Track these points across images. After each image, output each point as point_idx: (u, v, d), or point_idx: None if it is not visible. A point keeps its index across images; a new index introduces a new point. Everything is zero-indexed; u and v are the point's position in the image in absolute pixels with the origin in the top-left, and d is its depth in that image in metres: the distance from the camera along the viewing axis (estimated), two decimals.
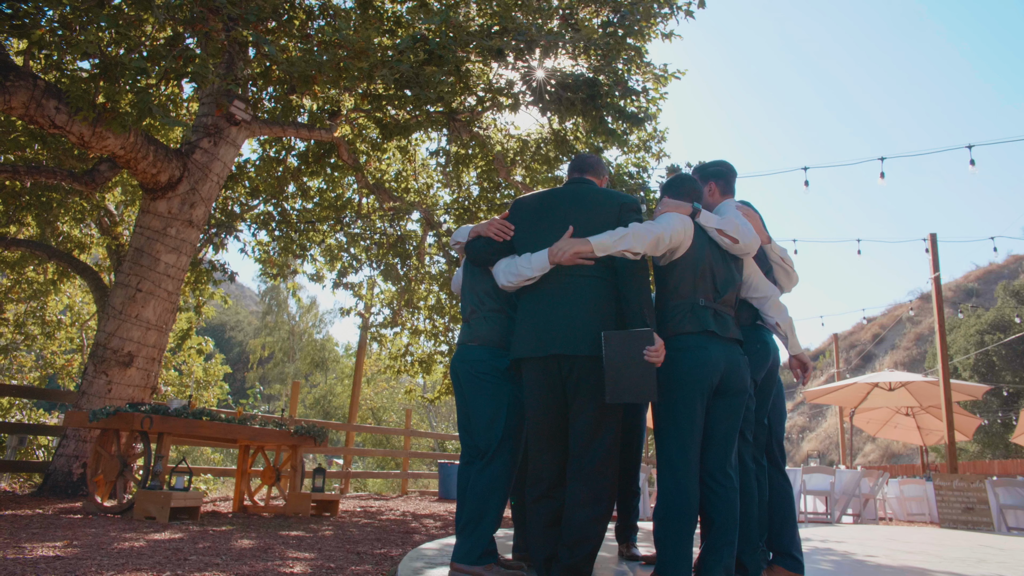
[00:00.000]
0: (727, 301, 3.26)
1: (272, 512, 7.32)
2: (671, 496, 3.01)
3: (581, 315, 3.06)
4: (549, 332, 3.07)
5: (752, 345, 3.55)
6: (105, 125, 6.35)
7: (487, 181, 11.75)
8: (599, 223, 3.16)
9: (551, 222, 3.25)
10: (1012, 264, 57.17)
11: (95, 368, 7.62)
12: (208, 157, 8.18)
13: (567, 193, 3.35)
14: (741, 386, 3.17)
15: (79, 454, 7.51)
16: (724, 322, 3.20)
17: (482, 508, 3.28)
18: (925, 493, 12.56)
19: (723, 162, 3.87)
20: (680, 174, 3.67)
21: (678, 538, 2.95)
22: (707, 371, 3.05)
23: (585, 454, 2.98)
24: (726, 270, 3.29)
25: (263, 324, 42.96)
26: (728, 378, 3.12)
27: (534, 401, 3.14)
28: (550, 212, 3.30)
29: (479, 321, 3.57)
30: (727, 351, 3.14)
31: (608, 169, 3.56)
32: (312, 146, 10.79)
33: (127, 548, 3.91)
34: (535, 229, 3.30)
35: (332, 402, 30.82)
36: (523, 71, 8.36)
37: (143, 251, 7.87)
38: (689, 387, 3.04)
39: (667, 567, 2.94)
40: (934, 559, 5.40)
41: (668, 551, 2.96)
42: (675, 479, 3.02)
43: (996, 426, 28.78)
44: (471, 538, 3.27)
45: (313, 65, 6.11)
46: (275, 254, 12.12)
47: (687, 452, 3.04)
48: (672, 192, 3.47)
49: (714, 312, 3.17)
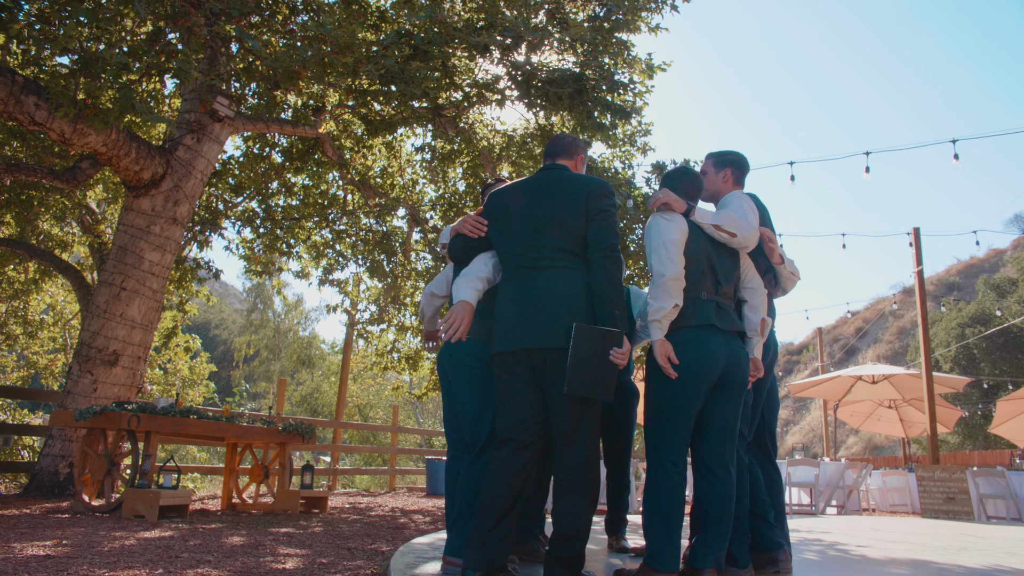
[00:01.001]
0: (727, 293, 3.26)
1: (261, 509, 7.30)
2: (659, 485, 3.02)
3: (553, 307, 2.96)
4: (522, 326, 2.99)
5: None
6: (87, 122, 6.27)
7: (473, 177, 11.75)
8: (563, 210, 3.05)
9: (518, 212, 3.15)
10: (992, 258, 57.79)
11: (80, 367, 7.56)
12: (191, 154, 8.12)
13: (535, 181, 3.24)
14: (742, 379, 3.17)
15: (65, 454, 7.45)
16: (726, 315, 3.19)
17: (473, 502, 3.26)
18: (907, 484, 12.72)
19: (739, 152, 3.86)
20: (682, 167, 3.62)
21: (666, 527, 2.96)
22: (709, 365, 3.04)
23: (567, 447, 2.91)
24: (725, 263, 3.29)
25: (248, 322, 42.63)
26: (729, 371, 3.12)
27: (504, 395, 3.04)
28: (517, 203, 3.20)
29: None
30: (729, 344, 3.14)
31: (583, 146, 3.40)
32: (296, 142, 10.74)
33: (118, 547, 3.90)
34: (504, 221, 3.21)
35: (318, 399, 30.69)
36: (509, 66, 8.37)
37: (127, 249, 7.80)
38: (690, 381, 3.03)
39: (655, 556, 2.95)
40: (917, 548, 5.48)
41: (656, 540, 2.97)
42: (664, 469, 3.03)
43: (976, 417, 29.16)
44: (463, 532, 3.26)
45: (297, 60, 6.08)
46: (260, 251, 12.05)
47: (677, 443, 3.05)
48: (672, 184, 3.45)
49: (716, 305, 3.16)
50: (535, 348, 2.93)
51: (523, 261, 3.08)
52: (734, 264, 3.35)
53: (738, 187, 3.79)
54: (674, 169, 3.55)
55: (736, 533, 3.30)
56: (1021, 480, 10.25)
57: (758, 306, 3.39)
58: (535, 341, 2.93)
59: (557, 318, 2.92)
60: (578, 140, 3.40)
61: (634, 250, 9.71)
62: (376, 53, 6.77)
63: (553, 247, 3.03)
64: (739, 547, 3.32)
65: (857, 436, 45.31)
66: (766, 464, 3.79)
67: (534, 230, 3.08)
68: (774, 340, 3.78)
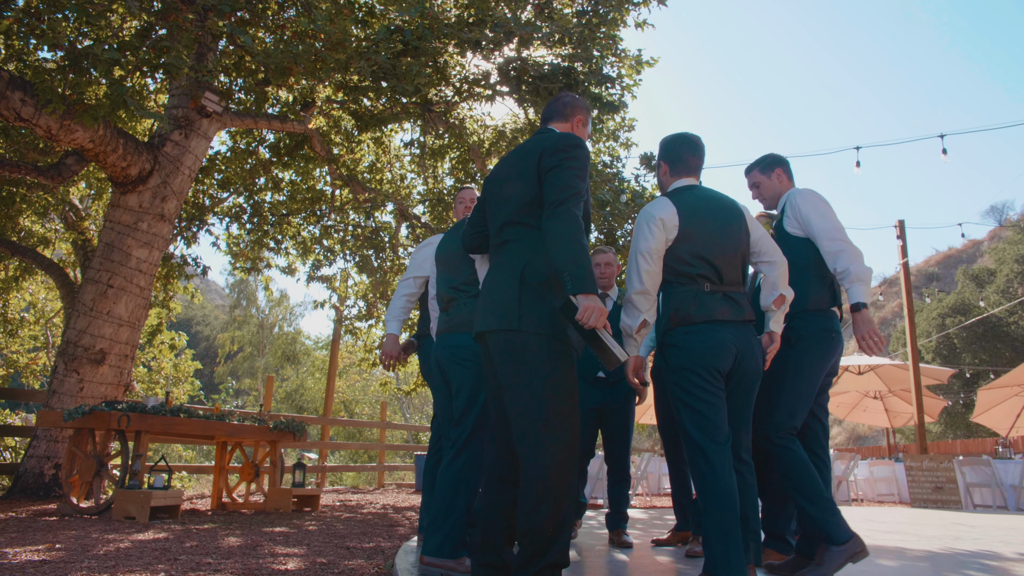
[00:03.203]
0: (733, 281, 3.06)
1: (252, 509, 7.24)
2: (708, 484, 2.77)
3: (488, 287, 2.74)
4: (478, 309, 2.78)
5: (826, 334, 3.44)
6: (76, 118, 6.15)
7: (462, 171, 11.69)
8: (515, 179, 2.77)
9: (497, 185, 2.89)
10: (970, 248, 58.45)
11: (66, 366, 7.45)
12: (179, 150, 8.01)
13: (511, 152, 2.96)
14: (755, 369, 3.00)
15: (51, 455, 7.35)
16: (734, 305, 3.01)
17: (451, 501, 3.21)
18: (894, 474, 12.85)
19: (774, 153, 3.86)
20: (679, 134, 3.35)
21: (724, 529, 2.69)
22: (717, 353, 2.90)
23: (521, 445, 2.52)
24: (729, 251, 3.06)
25: (231, 318, 42.30)
26: (741, 361, 2.96)
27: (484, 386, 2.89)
28: (491, 177, 2.98)
29: (459, 308, 3.49)
30: (739, 334, 2.96)
31: (584, 106, 3.06)
32: (284, 138, 10.63)
33: (113, 550, 3.84)
34: (489, 197, 2.96)
35: (304, 396, 30.51)
36: (500, 62, 8.32)
37: (113, 246, 7.69)
38: (700, 369, 2.88)
39: (718, 563, 2.66)
40: (912, 538, 5.52)
41: (716, 545, 2.68)
42: (709, 466, 2.79)
43: (958, 407, 29.53)
44: (441, 531, 3.19)
45: (289, 56, 6.01)
46: (247, 248, 11.93)
47: (714, 435, 2.83)
48: (669, 154, 3.29)
49: (723, 296, 3.00)
50: (480, 331, 2.73)
51: (492, 240, 2.87)
52: (740, 251, 3.11)
53: (791, 184, 3.80)
54: (671, 137, 3.34)
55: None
56: (1006, 468, 10.38)
57: (776, 280, 3.22)
58: (480, 324, 2.73)
59: (489, 298, 2.70)
60: (578, 99, 3.08)
61: (623, 244, 9.70)
62: (368, 49, 6.70)
63: (507, 221, 2.76)
64: (751, 542, 3.05)
65: (841, 427, 45.77)
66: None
67: (498, 204, 2.84)
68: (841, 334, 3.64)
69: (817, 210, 3.50)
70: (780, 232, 3.65)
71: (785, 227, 3.62)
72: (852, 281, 3.35)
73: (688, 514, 4.52)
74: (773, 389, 3.39)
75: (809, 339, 3.42)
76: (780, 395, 3.37)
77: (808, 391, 3.38)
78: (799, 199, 3.57)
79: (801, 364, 3.40)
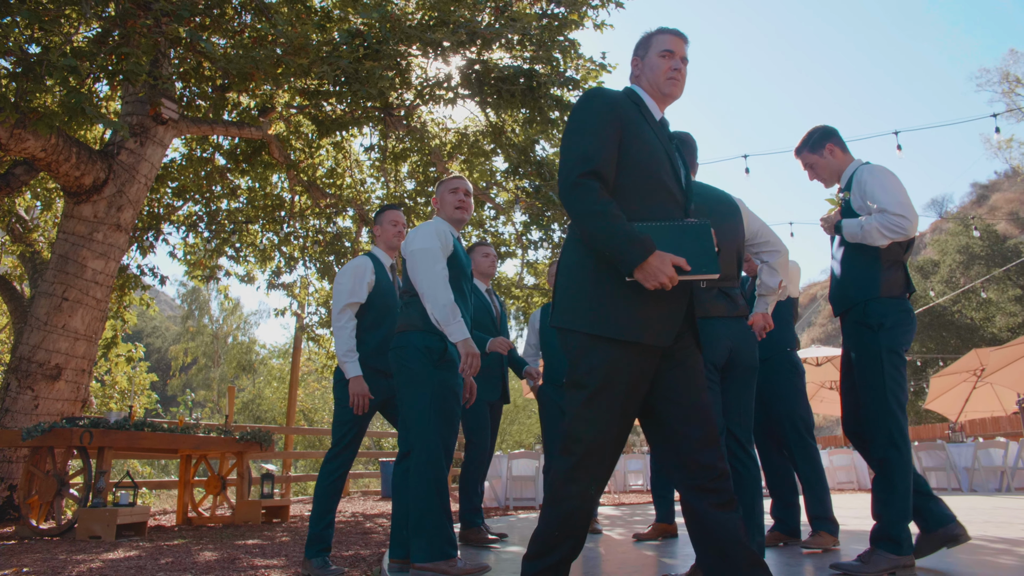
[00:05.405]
0: (727, 276, 3.06)
1: (219, 522, 7.09)
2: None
3: None
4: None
5: (900, 315, 3.11)
6: (30, 126, 5.94)
7: (422, 175, 11.64)
8: None
9: None
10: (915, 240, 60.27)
11: (19, 383, 7.19)
12: (135, 158, 7.81)
13: None
14: (751, 362, 3.05)
15: (4, 475, 7.08)
16: (727, 300, 3.05)
17: (426, 504, 3.14)
18: (852, 462, 13.17)
19: (820, 125, 3.51)
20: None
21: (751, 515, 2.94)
22: (710, 347, 2.94)
23: None
24: (722, 247, 3.02)
25: (184, 329, 41.42)
26: (737, 355, 3.01)
27: None
28: None
29: (404, 308, 3.45)
30: (732, 328, 3.02)
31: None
32: (241, 144, 10.45)
33: (85, 570, 3.73)
34: None
35: (261, 405, 29.97)
36: (461, 64, 8.31)
37: (68, 258, 7.46)
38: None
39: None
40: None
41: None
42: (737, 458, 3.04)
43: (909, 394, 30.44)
44: (422, 536, 3.12)
45: (250, 61, 5.91)
46: (204, 256, 11.68)
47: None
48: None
49: (717, 292, 3.03)
50: None
51: None
52: (735, 246, 3.08)
53: (849, 156, 3.40)
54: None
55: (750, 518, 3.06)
56: (959, 451, 10.73)
57: (777, 268, 3.21)
58: None
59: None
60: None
61: None
62: (330, 53, 6.63)
63: None
64: (756, 536, 3.03)
65: None
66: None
67: None
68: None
69: (882, 185, 3.15)
70: (847, 212, 3.31)
71: (852, 206, 3.28)
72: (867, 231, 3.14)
73: (670, 508, 4.65)
74: (872, 378, 3.08)
75: (894, 327, 3.10)
76: (884, 380, 3.04)
77: (904, 373, 3.10)
78: (867, 175, 3.22)
79: (892, 348, 3.08)
